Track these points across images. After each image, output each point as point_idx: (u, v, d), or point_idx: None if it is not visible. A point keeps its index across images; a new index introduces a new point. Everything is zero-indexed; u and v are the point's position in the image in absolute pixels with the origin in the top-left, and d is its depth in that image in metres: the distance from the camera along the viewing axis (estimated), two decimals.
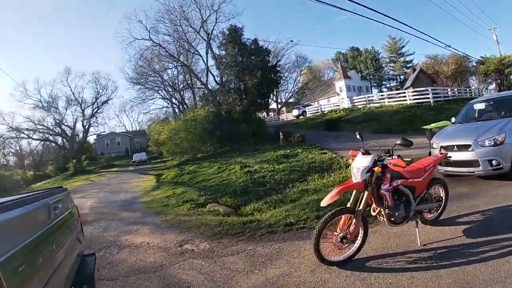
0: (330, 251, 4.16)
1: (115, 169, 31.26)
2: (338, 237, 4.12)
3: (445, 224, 5.08)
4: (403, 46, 72.76)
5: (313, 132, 25.78)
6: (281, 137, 21.17)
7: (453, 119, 9.29)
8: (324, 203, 4.09)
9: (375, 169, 4.06)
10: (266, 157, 16.06)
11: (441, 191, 5.26)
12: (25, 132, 45.46)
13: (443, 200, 5.22)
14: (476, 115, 8.98)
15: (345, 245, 4.18)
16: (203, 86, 34.15)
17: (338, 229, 4.17)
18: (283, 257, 4.75)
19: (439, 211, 5.18)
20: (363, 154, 4.37)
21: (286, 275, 4.13)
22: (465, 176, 7.57)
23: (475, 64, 50.63)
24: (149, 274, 4.89)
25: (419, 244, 4.41)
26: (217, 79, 32.52)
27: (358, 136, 4.69)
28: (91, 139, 55.10)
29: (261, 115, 53.76)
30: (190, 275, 4.62)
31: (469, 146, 7.13)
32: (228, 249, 5.46)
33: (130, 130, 63.19)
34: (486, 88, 47.29)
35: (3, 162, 49.97)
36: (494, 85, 48.63)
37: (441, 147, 7.65)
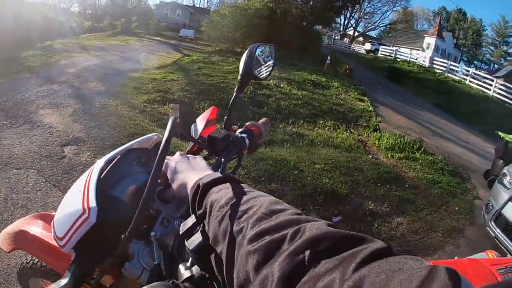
0: None
1: (158, 38, 29.36)
2: None
3: None
4: None
5: (370, 73, 22.02)
6: (327, 61, 17.75)
7: None
8: None
9: None
10: (295, 76, 13.36)
11: None
12: None
13: None
14: None
15: None
16: None
17: None
18: None
19: None
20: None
21: None
22: None
23: None
24: None
25: None
26: None
27: None
28: (153, 3, 54.09)
29: (332, 36, 49.39)
30: None
31: None
32: None
33: (198, 6, 60.22)
34: None
35: (65, 6, 50.77)
36: None
37: None
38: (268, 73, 1.33)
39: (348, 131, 8.63)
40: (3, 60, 11.08)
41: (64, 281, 0.91)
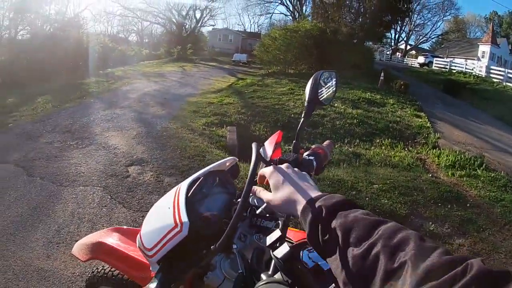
0: None
1: (213, 63, 30.30)
2: None
3: None
4: None
5: (425, 87, 21.30)
6: (381, 78, 17.33)
7: None
8: None
9: None
10: (348, 95, 13.21)
11: None
12: (138, 13, 45.97)
13: None
14: None
15: None
16: None
17: None
18: None
19: None
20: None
21: None
22: None
23: None
24: None
25: None
26: None
27: None
28: (206, 30, 55.54)
29: (384, 51, 48.46)
30: None
31: None
32: None
33: (248, 31, 61.01)
34: None
35: (124, 36, 55.65)
36: None
37: None
38: (331, 97, 1.36)
39: (406, 149, 8.43)
40: (69, 86, 11.96)
41: (152, 286, 0.99)
